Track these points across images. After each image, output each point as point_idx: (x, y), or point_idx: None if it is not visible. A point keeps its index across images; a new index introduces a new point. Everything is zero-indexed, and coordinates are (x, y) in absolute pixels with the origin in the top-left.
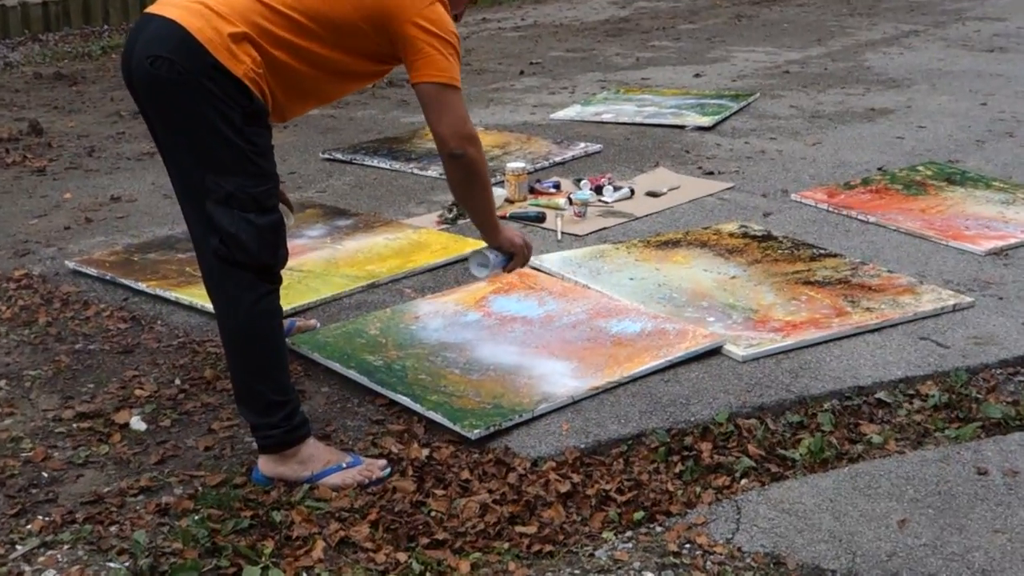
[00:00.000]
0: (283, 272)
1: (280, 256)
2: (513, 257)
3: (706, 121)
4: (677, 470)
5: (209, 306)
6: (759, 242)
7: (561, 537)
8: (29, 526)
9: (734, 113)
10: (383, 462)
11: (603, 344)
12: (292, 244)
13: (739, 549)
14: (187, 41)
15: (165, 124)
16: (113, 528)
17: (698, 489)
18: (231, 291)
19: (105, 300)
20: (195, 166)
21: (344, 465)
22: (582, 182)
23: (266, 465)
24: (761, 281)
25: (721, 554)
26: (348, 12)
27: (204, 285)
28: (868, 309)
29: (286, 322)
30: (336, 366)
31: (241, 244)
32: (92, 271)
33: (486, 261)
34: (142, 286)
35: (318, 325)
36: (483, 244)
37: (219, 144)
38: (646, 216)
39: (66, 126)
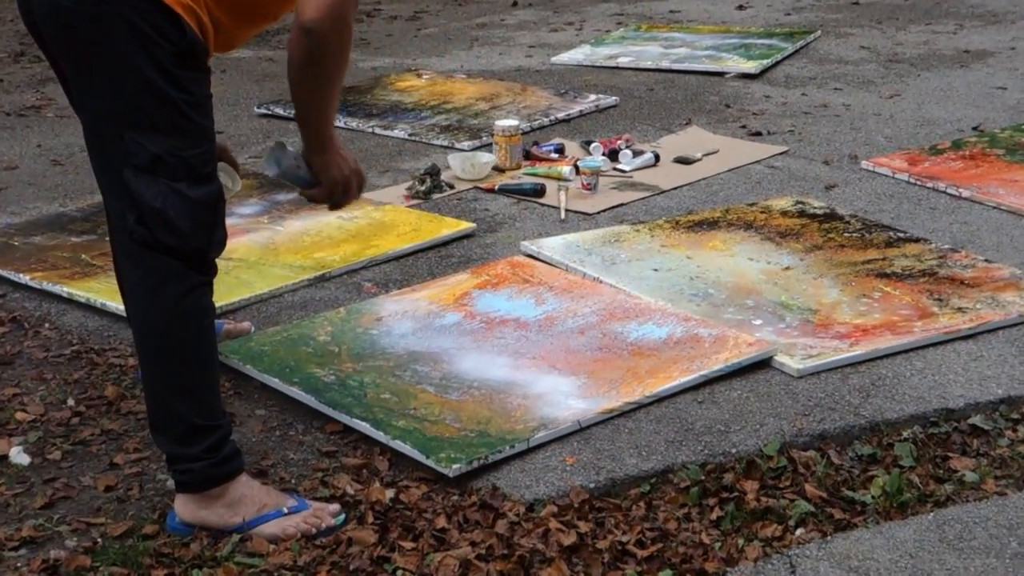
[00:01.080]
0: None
1: (216, 239)
2: (318, 185)
3: (752, 67)
4: (714, 517)
5: (112, 304)
6: (820, 223)
7: None
8: None
9: (788, 56)
10: (335, 507)
11: (619, 354)
12: None
13: None
14: None
15: (74, 68)
16: None
17: (741, 541)
18: (150, 283)
19: None
20: (110, 121)
21: (285, 510)
22: (592, 145)
23: (185, 508)
24: (822, 273)
25: None
26: None
27: (115, 274)
28: (960, 309)
29: None
30: (275, 382)
31: (168, 223)
32: None
33: (280, 160)
34: (25, 279)
35: (252, 329)
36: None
37: (142, 92)
38: (675, 189)
39: None
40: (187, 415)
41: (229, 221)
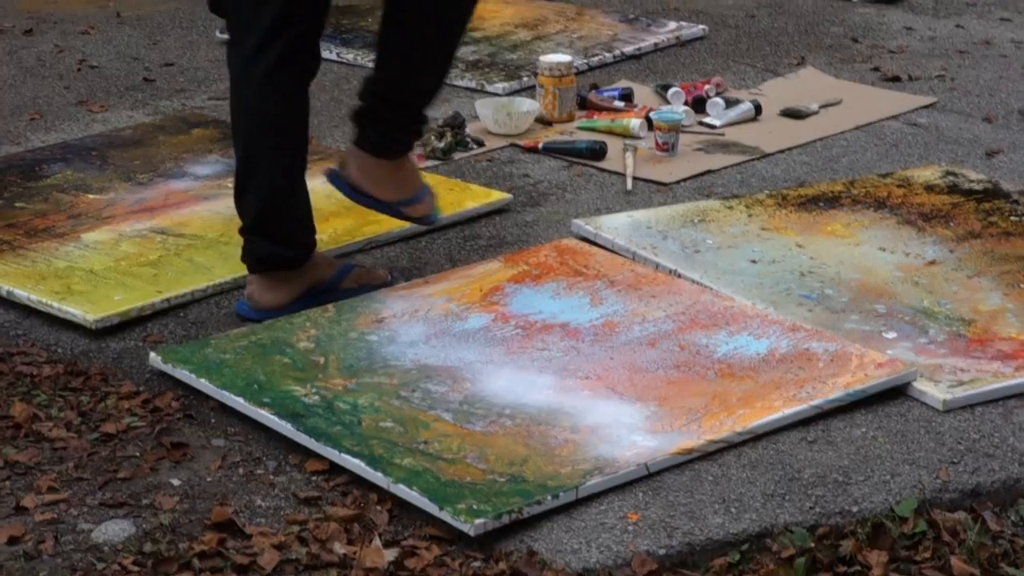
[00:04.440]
0: (155, 240)
1: None
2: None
3: None
4: None
5: (21, 292)
6: (978, 202)
7: None
8: None
9: None
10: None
11: (702, 374)
12: (168, 188)
13: None
14: None
15: None
16: None
17: None
18: None
19: None
20: None
21: None
22: (671, 91)
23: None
24: (980, 270)
25: None
26: None
27: None
28: None
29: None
30: (239, 402)
31: None
32: None
33: None
34: None
35: (389, 279)
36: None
37: None
38: (781, 152)
39: None
40: None
41: (180, 184)
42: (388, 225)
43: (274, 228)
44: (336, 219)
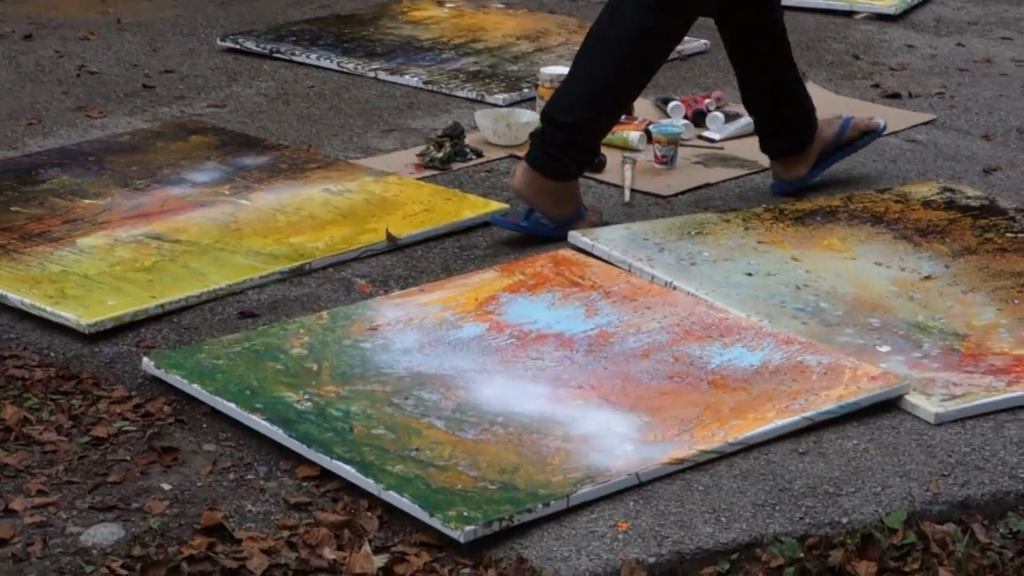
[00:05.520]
0: (150, 246)
1: None
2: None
3: (891, 4)
4: None
5: (14, 296)
6: (974, 218)
7: None
8: None
9: None
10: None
11: (695, 386)
12: (165, 194)
13: None
14: None
15: None
16: None
17: None
18: None
19: None
20: None
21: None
22: (671, 104)
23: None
24: (975, 286)
25: None
26: None
27: None
28: None
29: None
30: (231, 408)
31: None
32: None
33: None
34: None
35: (602, 218)
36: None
37: None
38: None
39: None
40: None
41: (177, 191)
42: (383, 235)
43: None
44: (332, 227)
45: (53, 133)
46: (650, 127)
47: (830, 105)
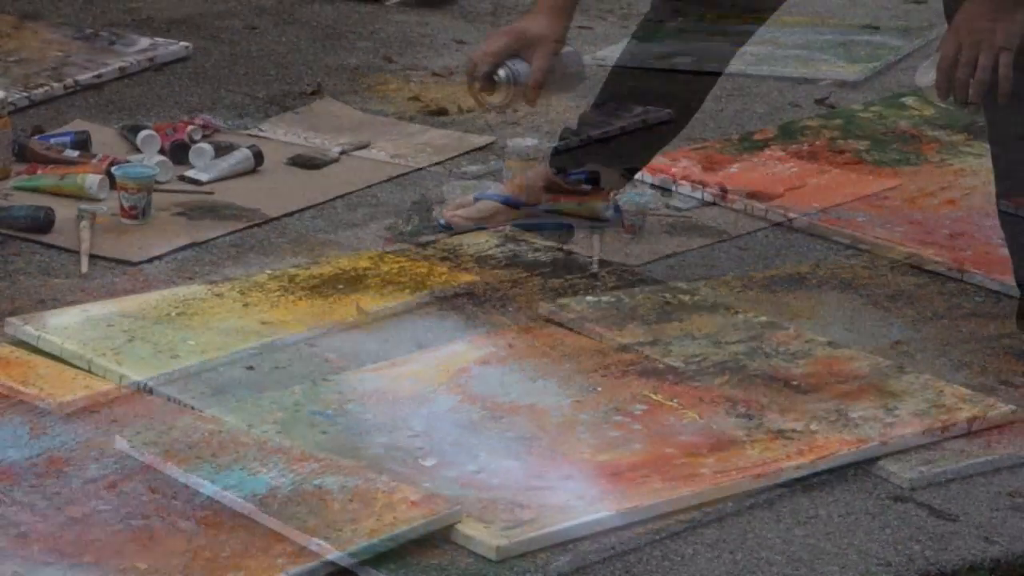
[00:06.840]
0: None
1: None
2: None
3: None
4: None
5: None
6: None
7: None
8: None
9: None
10: None
11: (178, 526)
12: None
13: None
14: None
15: None
16: None
17: None
18: None
19: None
20: None
21: None
22: (142, 135)
23: None
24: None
25: None
26: None
27: None
28: (780, 434)
29: None
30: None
31: None
32: None
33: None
34: None
35: None
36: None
37: None
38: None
39: None
40: None
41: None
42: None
43: None
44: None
45: None
46: (113, 169)
47: (357, 126)
